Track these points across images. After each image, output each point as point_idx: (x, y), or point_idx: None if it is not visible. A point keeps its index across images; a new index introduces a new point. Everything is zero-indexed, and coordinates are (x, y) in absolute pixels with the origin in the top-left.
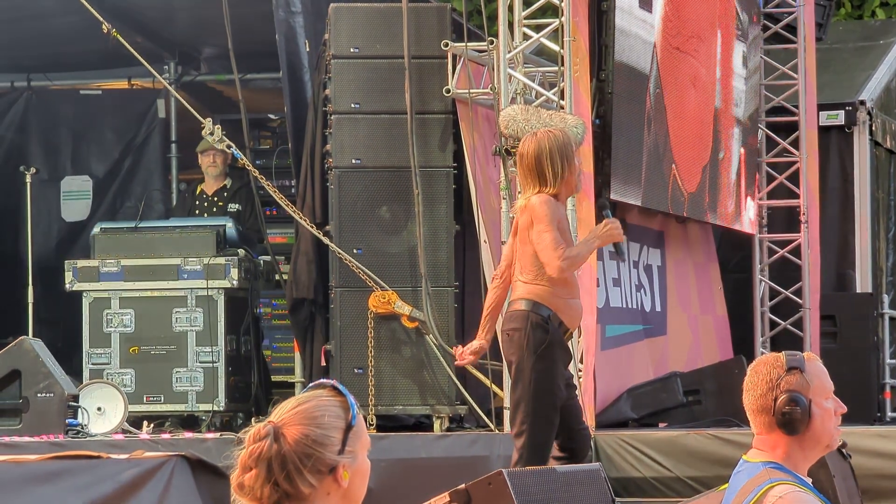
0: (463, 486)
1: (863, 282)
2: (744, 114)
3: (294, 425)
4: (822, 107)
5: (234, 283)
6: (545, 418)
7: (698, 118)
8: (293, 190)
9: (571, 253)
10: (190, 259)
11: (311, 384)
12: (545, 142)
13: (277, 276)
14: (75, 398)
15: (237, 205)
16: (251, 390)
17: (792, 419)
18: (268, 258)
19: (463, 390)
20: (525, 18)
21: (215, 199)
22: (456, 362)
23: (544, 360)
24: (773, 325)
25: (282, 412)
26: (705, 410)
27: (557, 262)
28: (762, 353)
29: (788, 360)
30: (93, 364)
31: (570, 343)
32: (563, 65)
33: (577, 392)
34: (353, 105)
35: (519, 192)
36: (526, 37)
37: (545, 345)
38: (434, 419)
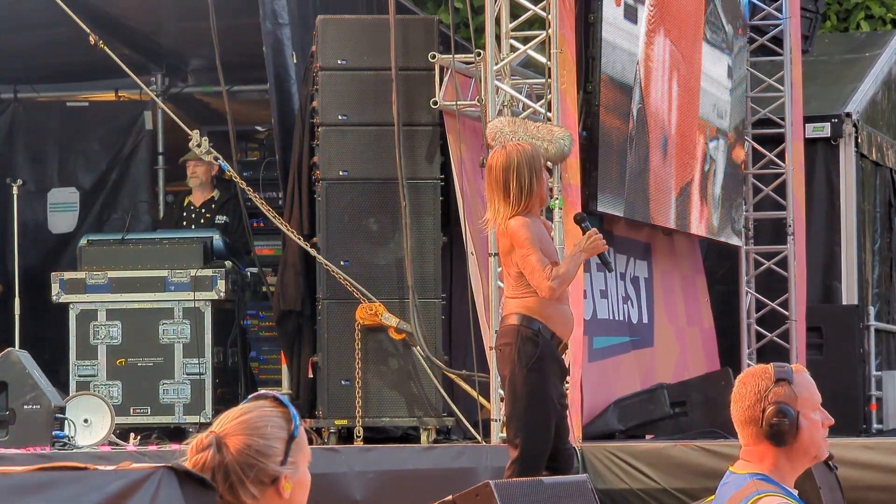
0: (450, 497)
1: (849, 294)
2: (730, 126)
3: (237, 435)
4: (808, 119)
5: (221, 294)
6: (538, 431)
7: (682, 129)
8: (280, 202)
9: (560, 271)
10: (177, 271)
11: (251, 395)
12: (513, 155)
13: (264, 288)
14: (62, 410)
15: (224, 217)
16: (238, 402)
17: (780, 430)
18: (255, 270)
19: (450, 402)
20: (512, 30)
21: (202, 210)
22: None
23: (536, 373)
24: (759, 336)
25: (224, 422)
26: (692, 422)
27: (547, 283)
28: (749, 365)
29: (777, 372)
30: (79, 376)
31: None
32: (550, 77)
33: (567, 412)
34: (340, 117)
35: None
36: (513, 49)
37: (536, 358)
38: (421, 431)
